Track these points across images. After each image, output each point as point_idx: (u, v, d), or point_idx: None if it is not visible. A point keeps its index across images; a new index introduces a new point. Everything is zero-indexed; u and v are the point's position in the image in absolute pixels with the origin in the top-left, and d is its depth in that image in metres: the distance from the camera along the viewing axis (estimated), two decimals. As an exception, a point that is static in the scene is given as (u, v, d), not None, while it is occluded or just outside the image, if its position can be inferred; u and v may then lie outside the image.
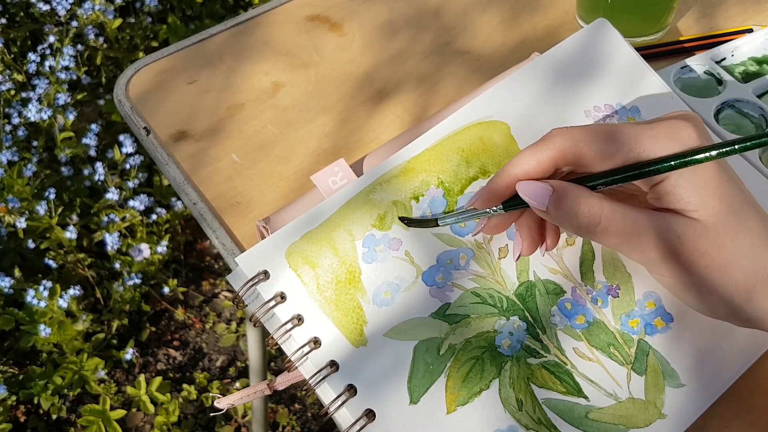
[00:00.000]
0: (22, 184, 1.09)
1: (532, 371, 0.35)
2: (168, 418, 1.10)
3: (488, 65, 0.54)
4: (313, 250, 0.37)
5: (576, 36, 0.44)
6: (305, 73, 0.54)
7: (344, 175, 0.42)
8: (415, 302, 0.36)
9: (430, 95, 0.52)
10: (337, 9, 0.59)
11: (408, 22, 0.58)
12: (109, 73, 1.40)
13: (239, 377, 1.20)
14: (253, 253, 0.37)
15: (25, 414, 1.13)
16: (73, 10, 1.26)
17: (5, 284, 1.03)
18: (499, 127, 0.41)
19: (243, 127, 0.51)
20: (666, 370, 0.35)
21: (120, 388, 1.16)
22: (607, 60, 0.43)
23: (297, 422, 1.15)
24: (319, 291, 0.36)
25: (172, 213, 1.26)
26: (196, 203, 0.46)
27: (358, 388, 0.34)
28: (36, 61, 1.19)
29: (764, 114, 0.48)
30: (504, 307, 0.36)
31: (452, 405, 0.34)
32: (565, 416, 0.34)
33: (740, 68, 0.51)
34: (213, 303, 1.30)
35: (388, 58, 0.55)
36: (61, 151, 1.17)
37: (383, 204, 0.39)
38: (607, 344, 0.36)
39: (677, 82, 0.50)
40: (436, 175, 0.39)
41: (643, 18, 0.53)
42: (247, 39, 0.57)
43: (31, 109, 1.12)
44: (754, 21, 0.56)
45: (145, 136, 0.50)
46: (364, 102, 0.52)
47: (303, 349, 0.35)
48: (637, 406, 0.34)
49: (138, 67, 0.55)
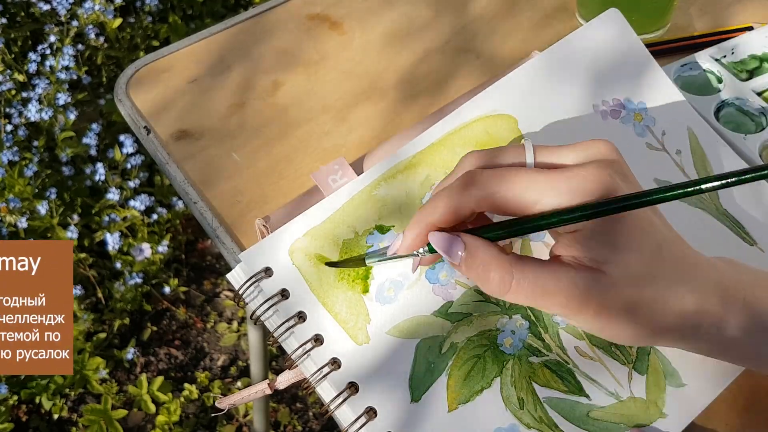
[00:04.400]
0: (23, 184, 1.09)
1: (533, 370, 0.35)
2: (169, 417, 1.10)
3: (489, 64, 0.54)
4: (317, 247, 0.37)
5: (586, 27, 0.43)
6: (305, 72, 0.54)
7: (344, 174, 0.42)
8: (418, 300, 0.36)
9: (430, 93, 0.52)
10: (337, 7, 0.59)
11: (408, 20, 0.58)
12: (110, 72, 1.40)
13: (240, 376, 1.20)
14: (256, 250, 0.37)
15: (27, 414, 1.13)
16: (73, 10, 1.26)
17: (6, 284, 1.03)
18: (506, 120, 0.41)
19: (243, 126, 0.51)
20: (667, 370, 0.35)
21: (121, 388, 1.16)
22: (617, 53, 0.43)
23: (298, 422, 1.15)
24: (322, 288, 0.36)
25: (173, 212, 1.26)
26: (196, 203, 0.46)
27: (360, 386, 0.34)
28: (36, 60, 1.19)
29: (764, 112, 0.48)
30: (506, 305, 0.36)
31: (454, 403, 0.34)
32: (567, 415, 0.34)
33: (740, 66, 0.51)
34: (214, 302, 1.30)
35: (389, 56, 0.55)
36: (62, 150, 1.17)
37: (387, 200, 0.38)
38: (609, 344, 0.36)
39: (677, 79, 0.50)
40: (442, 169, 0.39)
41: (643, 15, 0.53)
42: (247, 38, 0.57)
43: (32, 109, 1.12)
44: (755, 19, 0.56)
45: (146, 135, 0.50)
46: (364, 101, 0.52)
47: (305, 346, 0.35)
48: (638, 405, 0.34)
49: (138, 67, 0.55)
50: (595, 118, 0.41)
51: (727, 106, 0.48)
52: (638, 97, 0.42)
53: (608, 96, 0.42)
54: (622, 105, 0.42)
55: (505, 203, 0.30)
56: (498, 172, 0.31)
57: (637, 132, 0.42)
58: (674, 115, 0.43)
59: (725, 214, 0.40)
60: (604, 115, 0.41)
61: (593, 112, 0.41)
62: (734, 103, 0.48)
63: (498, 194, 0.30)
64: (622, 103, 0.42)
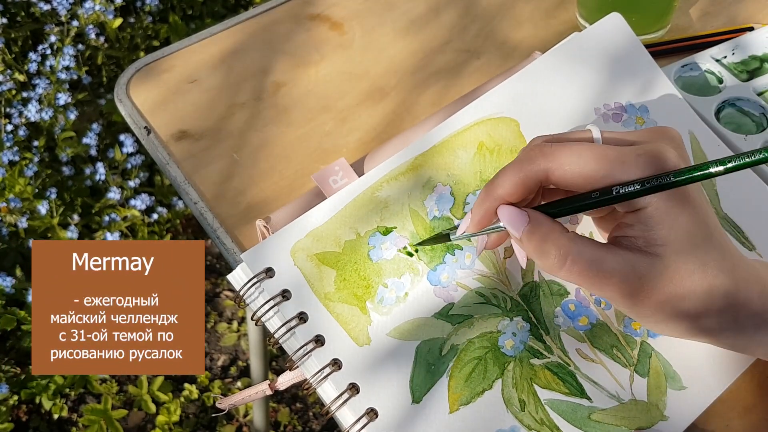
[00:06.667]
0: (23, 184, 1.09)
1: (535, 372, 0.35)
2: (169, 417, 1.10)
3: (489, 64, 0.54)
4: (319, 248, 0.37)
5: (588, 31, 0.43)
6: (306, 72, 0.54)
7: (345, 175, 0.42)
8: (420, 301, 0.36)
9: (431, 94, 0.52)
10: (337, 8, 0.59)
11: (409, 21, 0.58)
12: (110, 72, 1.40)
13: (240, 377, 1.20)
14: (258, 250, 0.37)
15: (27, 414, 1.13)
16: (73, 10, 1.26)
17: (7, 284, 1.03)
18: (508, 123, 0.41)
19: (244, 126, 0.50)
20: (668, 372, 0.35)
21: (121, 388, 1.16)
22: (619, 57, 0.43)
23: (298, 422, 1.15)
24: (323, 289, 0.36)
25: (173, 212, 1.26)
26: (196, 203, 0.46)
27: (361, 387, 0.34)
28: (37, 60, 1.19)
29: (765, 112, 0.48)
30: (508, 307, 0.36)
31: (455, 405, 0.34)
32: (568, 417, 0.34)
33: (741, 66, 0.51)
34: (214, 302, 1.30)
35: (389, 57, 0.55)
36: (62, 150, 1.17)
37: (389, 201, 0.38)
38: (610, 346, 0.36)
39: (678, 80, 0.50)
40: (444, 171, 0.39)
41: (644, 16, 0.53)
42: (247, 38, 0.57)
43: (32, 109, 1.12)
44: (755, 19, 0.56)
45: (146, 135, 0.50)
46: (364, 101, 0.52)
47: (306, 347, 0.35)
48: (640, 407, 0.34)
49: (139, 67, 0.55)
50: (597, 121, 0.41)
51: (727, 107, 0.48)
52: (640, 100, 0.42)
53: (610, 99, 0.42)
54: (623, 108, 0.42)
55: (573, 175, 0.30)
56: (566, 144, 0.31)
57: None
58: (675, 119, 0.43)
59: (725, 218, 0.40)
60: (606, 119, 0.41)
61: (595, 115, 0.41)
62: (735, 104, 0.48)
63: (566, 166, 0.30)
64: (624, 107, 0.42)
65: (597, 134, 0.33)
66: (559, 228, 0.31)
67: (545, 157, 0.31)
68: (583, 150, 0.31)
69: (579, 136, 0.33)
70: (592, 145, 0.31)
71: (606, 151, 0.30)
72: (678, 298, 0.30)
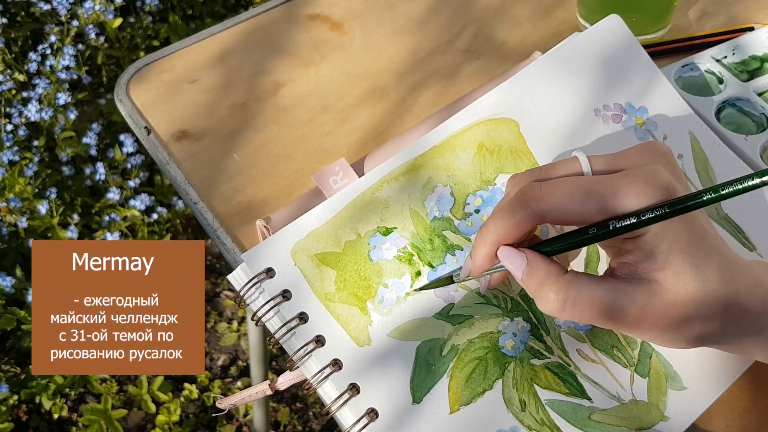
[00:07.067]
0: (23, 184, 1.09)
1: (535, 372, 0.35)
2: (169, 417, 1.10)
3: (489, 64, 0.54)
4: (319, 248, 0.37)
5: (587, 32, 0.43)
6: (306, 73, 0.54)
7: (345, 175, 0.42)
8: (420, 302, 0.36)
9: (431, 94, 0.52)
10: (337, 8, 0.59)
11: (409, 21, 0.58)
12: (110, 72, 1.40)
13: (240, 376, 1.20)
14: (258, 250, 0.37)
15: (27, 413, 1.13)
16: (73, 10, 1.26)
17: (6, 284, 1.03)
18: (508, 124, 0.41)
19: (244, 126, 0.50)
20: (669, 373, 0.35)
21: (121, 388, 1.16)
22: (618, 58, 0.43)
23: (298, 421, 1.15)
24: (324, 289, 0.36)
25: (173, 212, 1.26)
26: (196, 203, 0.46)
27: (361, 387, 0.34)
28: (37, 60, 1.19)
29: (765, 113, 0.48)
30: (508, 307, 0.36)
31: (455, 405, 0.34)
32: (569, 417, 0.34)
33: (741, 67, 0.51)
34: (214, 302, 1.30)
35: (389, 57, 0.55)
36: (62, 150, 1.17)
37: (390, 202, 0.38)
38: (611, 346, 0.36)
39: (678, 80, 0.50)
40: (444, 172, 0.39)
41: (644, 16, 0.53)
42: (247, 38, 0.57)
43: (32, 109, 1.12)
44: (756, 19, 0.56)
45: (146, 135, 0.50)
46: (364, 101, 0.52)
47: (306, 347, 0.35)
48: (640, 408, 0.34)
49: (139, 67, 0.55)
50: (596, 122, 0.41)
51: (728, 107, 0.48)
52: (639, 101, 0.42)
53: (609, 100, 0.42)
54: (623, 109, 0.42)
55: (568, 215, 0.30)
56: (556, 184, 0.31)
57: (639, 136, 0.42)
58: (675, 120, 0.43)
59: (726, 218, 0.40)
60: (606, 120, 0.41)
61: (594, 116, 0.41)
62: (735, 104, 0.48)
63: (559, 207, 0.30)
64: (624, 108, 0.42)
65: (586, 166, 0.32)
66: (556, 270, 0.31)
67: (537, 201, 0.31)
68: (574, 189, 0.30)
69: (567, 169, 0.33)
70: (581, 180, 0.31)
71: (597, 186, 0.30)
72: (681, 321, 0.30)
